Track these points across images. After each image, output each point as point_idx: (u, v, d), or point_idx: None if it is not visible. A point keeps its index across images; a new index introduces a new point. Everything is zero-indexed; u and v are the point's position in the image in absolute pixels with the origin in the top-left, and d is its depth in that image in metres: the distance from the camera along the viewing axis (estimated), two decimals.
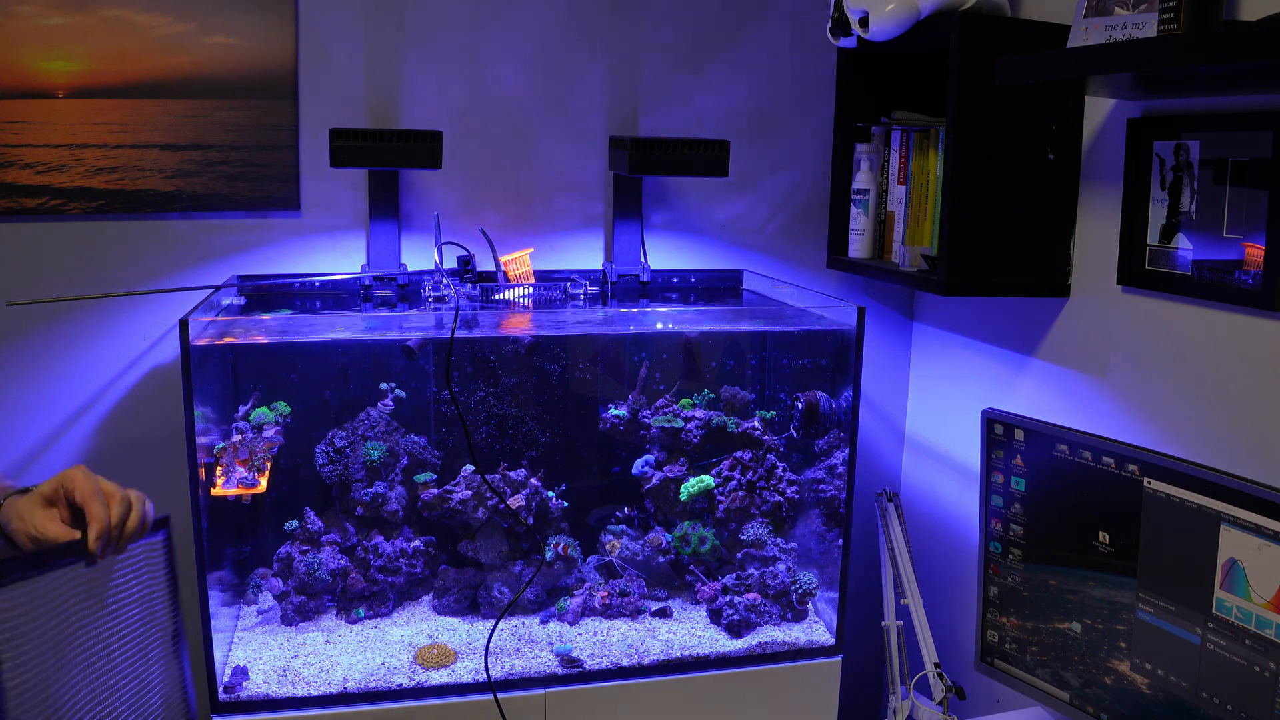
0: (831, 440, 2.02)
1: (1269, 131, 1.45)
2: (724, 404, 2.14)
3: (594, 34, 2.14)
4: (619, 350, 2.16)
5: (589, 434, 2.13)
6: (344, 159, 1.81)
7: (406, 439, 2.01)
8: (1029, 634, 1.69)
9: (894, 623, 1.93)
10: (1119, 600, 1.52)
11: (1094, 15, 1.49)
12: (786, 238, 2.31)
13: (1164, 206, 1.64)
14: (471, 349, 2.05)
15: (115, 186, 1.93)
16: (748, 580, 2.00)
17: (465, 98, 2.09)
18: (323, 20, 1.99)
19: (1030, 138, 1.80)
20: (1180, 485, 1.42)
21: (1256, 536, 1.31)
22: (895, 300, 2.39)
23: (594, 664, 1.83)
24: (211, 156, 1.96)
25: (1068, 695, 1.63)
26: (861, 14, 1.83)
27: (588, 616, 1.97)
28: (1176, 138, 1.61)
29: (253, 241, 2.01)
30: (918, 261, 1.91)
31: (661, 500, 2.07)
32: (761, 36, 2.22)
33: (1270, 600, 1.30)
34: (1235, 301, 1.52)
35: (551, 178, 2.16)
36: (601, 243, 2.21)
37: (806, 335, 2.11)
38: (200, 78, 1.93)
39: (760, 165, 2.27)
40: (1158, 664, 1.47)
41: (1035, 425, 1.64)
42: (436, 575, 1.98)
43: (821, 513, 2.04)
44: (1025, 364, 2.01)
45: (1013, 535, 1.70)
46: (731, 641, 1.92)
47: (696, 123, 2.21)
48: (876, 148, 2.07)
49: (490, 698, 1.75)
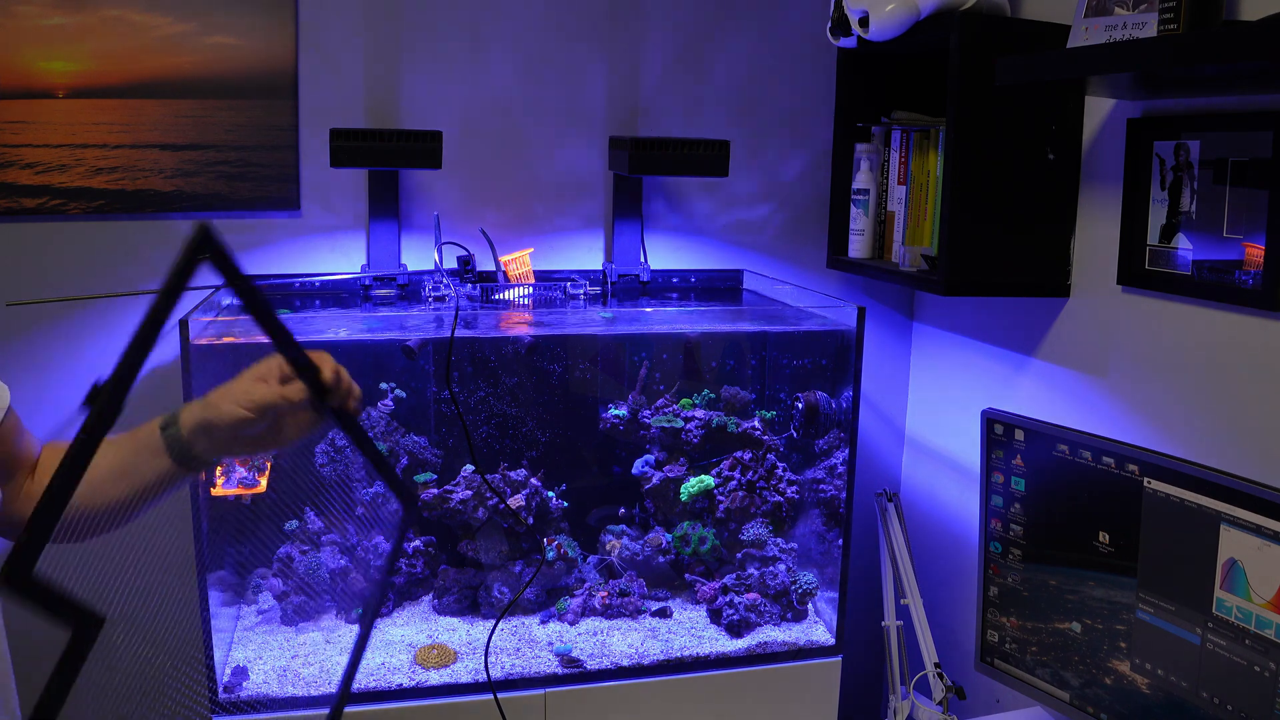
0: (831, 440, 2.02)
1: (1269, 131, 1.45)
2: (724, 404, 2.14)
3: (594, 33, 2.14)
4: (619, 350, 2.16)
5: (589, 434, 2.13)
6: (344, 159, 1.81)
7: (406, 439, 2.01)
8: (1029, 634, 1.69)
9: (894, 623, 1.93)
10: (1119, 600, 1.52)
11: (1094, 15, 1.49)
12: (786, 238, 2.31)
13: (1164, 206, 1.64)
14: (471, 349, 2.05)
15: (115, 186, 1.93)
16: (748, 580, 2.00)
17: (465, 98, 2.09)
18: (323, 20, 1.99)
19: (1030, 138, 1.80)
20: (1180, 485, 1.42)
21: (1256, 536, 1.31)
22: (895, 300, 2.39)
23: (594, 664, 1.83)
24: (211, 156, 1.96)
25: (1068, 695, 1.63)
26: (861, 14, 1.83)
27: (588, 616, 1.97)
28: (1176, 138, 1.61)
29: (253, 241, 2.01)
30: (918, 261, 1.91)
31: (661, 500, 2.07)
32: (761, 36, 2.22)
33: (1270, 600, 1.30)
34: (1235, 301, 1.52)
35: (551, 178, 2.16)
36: (601, 243, 2.21)
37: (806, 335, 2.11)
38: (200, 78, 1.93)
39: (760, 165, 2.27)
40: (1158, 664, 1.47)
41: (1035, 425, 1.64)
42: (436, 575, 1.98)
43: (821, 513, 2.04)
44: (1025, 364, 2.01)
45: (1013, 535, 1.70)
46: (731, 641, 1.92)
47: (696, 123, 2.21)
48: (876, 148, 2.07)
49: (490, 698, 1.75)
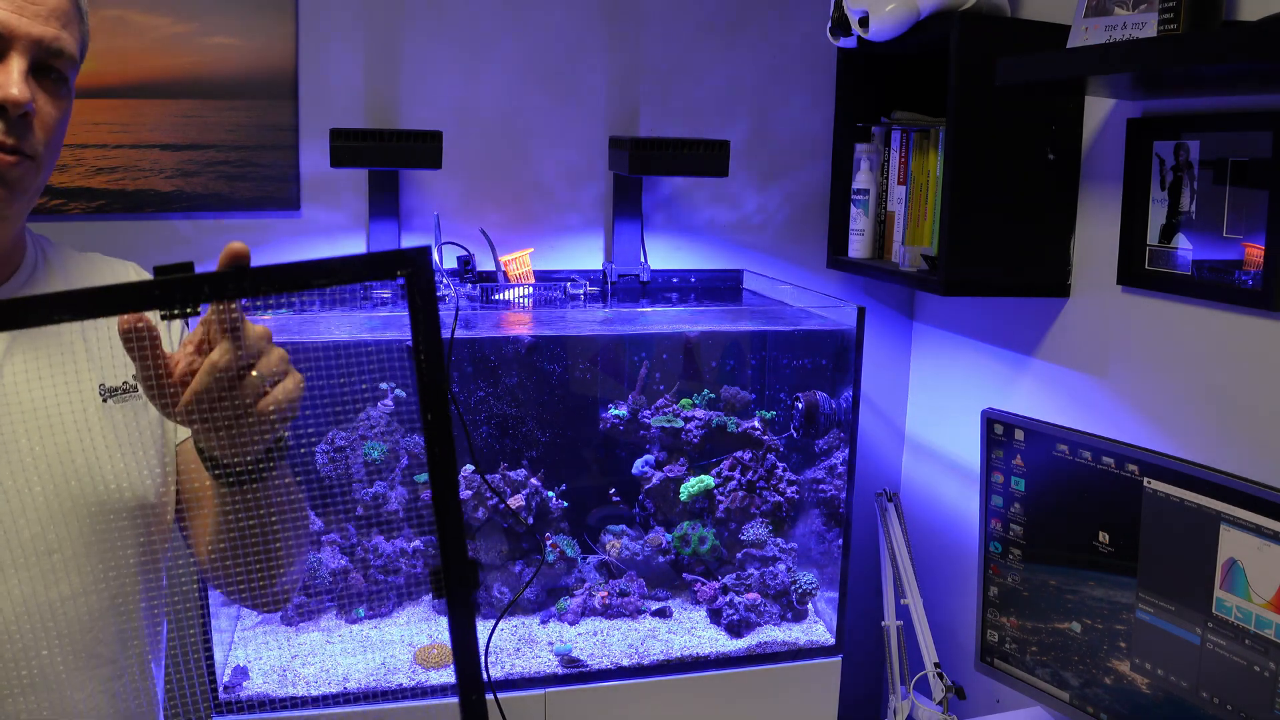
0: (831, 440, 2.02)
1: (1269, 131, 1.45)
2: (724, 404, 2.14)
3: (594, 33, 2.14)
4: (619, 350, 2.16)
5: (589, 434, 2.13)
6: (344, 159, 1.81)
7: (407, 439, 2.01)
8: (1029, 634, 1.69)
9: (894, 623, 1.93)
10: (1119, 600, 1.52)
11: (1094, 15, 1.49)
12: (786, 238, 2.31)
13: (1164, 206, 1.64)
14: (471, 349, 2.05)
15: (115, 186, 1.92)
16: (748, 580, 2.00)
17: (465, 97, 2.09)
18: (323, 20, 1.99)
19: (1030, 138, 1.80)
20: (1180, 485, 1.42)
21: (1256, 536, 1.31)
22: (895, 300, 2.39)
23: (594, 664, 1.83)
24: (211, 156, 1.96)
25: (1068, 695, 1.63)
26: (861, 14, 1.83)
27: (588, 616, 1.97)
28: (1176, 138, 1.61)
29: (253, 241, 2.01)
30: (918, 261, 1.91)
31: (661, 500, 2.07)
32: (761, 36, 2.22)
33: (1270, 600, 1.30)
34: (1235, 301, 1.52)
35: (551, 178, 2.16)
36: (601, 243, 2.21)
37: (806, 335, 2.11)
38: (200, 78, 1.93)
39: (760, 165, 2.27)
40: (1158, 664, 1.47)
41: (1035, 425, 1.64)
42: None
43: (821, 513, 2.04)
44: (1025, 364, 2.01)
45: (1013, 535, 1.70)
46: (731, 641, 1.92)
47: (696, 123, 2.21)
48: (876, 148, 2.07)
49: (490, 697, 1.75)
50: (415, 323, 0.69)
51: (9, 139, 0.94)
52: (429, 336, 0.69)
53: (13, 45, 0.93)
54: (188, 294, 0.63)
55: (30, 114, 0.95)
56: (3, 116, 0.93)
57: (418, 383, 0.67)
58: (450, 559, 0.67)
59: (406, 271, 0.69)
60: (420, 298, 0.69)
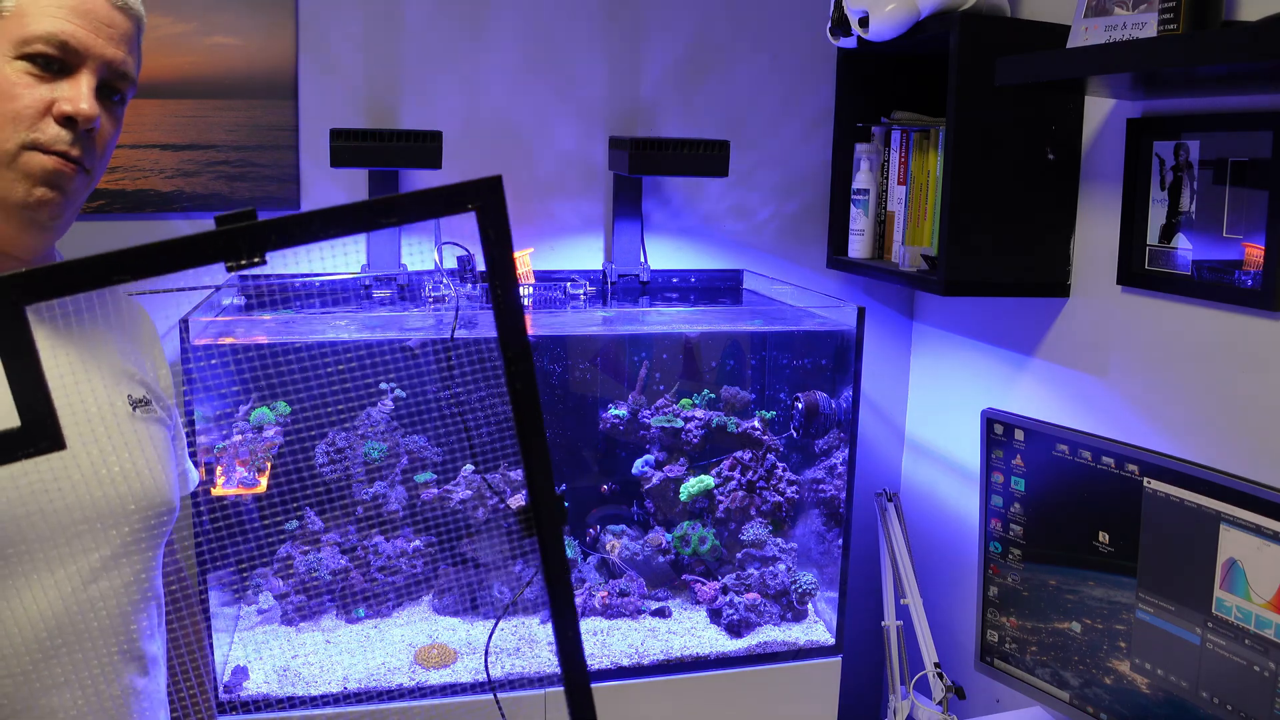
0: (831, 440, 2.02)
1: (1269, 131, 1.45)
2: (724, 404, 2.14)
3: (594, 33, 2.14)
4: (619, 350, 2.16)
5: (589, 434, 2.13)
6: (344, 159, 1.81)
7: (407, 439, 2.01)
8: (1029, 634, 1.69)
9: (894, 623, 1.93)
10: (1119, 600, 1.52)
11: (1094, 15, 1.50)
12: (786, 238, 2.31)
13: (1164, 206, 1.64)
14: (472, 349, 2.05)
15: (115, 186, 1.93)
16: (748, 580, 2.00)
17: (465, 97, 2.09)
18: (323, 20, 1.99)
19: (1030, 138, 1.80)
20: (1180, 485, 1.42)
21: (1256, 536, 1.31)
22: (895, 300, 2.39)
23: (594, 664, 1.83)
24: (211, 156, 1.96)
25: (1068, 695, 1.63)
26: (861, 14, 1.83)
27: (587, 616, 1.97)
28: (1176, 138, 1.61)
29: None
30: (918, 261, 1.91)
31: (661, 500, 2.07)
32: (761, 36, 2.22)
33: (1270, 600, 1.30)
34: (1235, 301, 1.52)
35: (551, 178, 2.16)
36: (601, 243, 2.21)
37: (806, 335, 2.11)
38: (200, 78, 1.93)
39: (760, 165, 2.27)
40: (1158, 664, 1.47)
41: (1035, 425, 1.64)
42: (437, 575, 1.98)
43: (821, 513, 2.04)
44: (1025, 364, 2.01)
45: (1013, 535, 1.70)
46: (731, 641, 1.92)
47: (696, 122, 2.21)
48: (876, 148, 2.07)
49: (490, 697, 1.75)
50: (489, 256, 0.69)
51: (74, 149, 0.97)
52: (503, 269, 0.68)
53: (85, 62, 0.97)
54: (254, 243, 0.60)
55: (95, 129, 0.99)
56: (70, 128, 0.97)
57: (495, 317, 0.67)
58: (539, 492, 0.67)
59: (477, 204, 0.68)
60: (493, 230, 0.68)
